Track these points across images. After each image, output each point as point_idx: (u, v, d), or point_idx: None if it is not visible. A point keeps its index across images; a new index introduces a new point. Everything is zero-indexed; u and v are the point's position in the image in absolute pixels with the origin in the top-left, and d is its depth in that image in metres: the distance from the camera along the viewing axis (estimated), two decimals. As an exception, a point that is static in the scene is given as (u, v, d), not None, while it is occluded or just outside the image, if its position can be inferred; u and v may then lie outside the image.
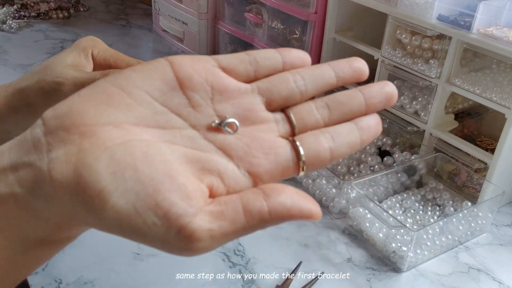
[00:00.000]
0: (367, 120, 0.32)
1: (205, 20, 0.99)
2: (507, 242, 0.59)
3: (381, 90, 0.33)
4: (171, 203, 0.25)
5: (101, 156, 0.26)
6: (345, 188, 0.60)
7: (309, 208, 0.27)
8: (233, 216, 0.26)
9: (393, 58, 0.69)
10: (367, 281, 0.52)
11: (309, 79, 0.33)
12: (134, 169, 0.26)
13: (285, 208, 0.26)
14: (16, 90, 0.51)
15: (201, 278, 0.50)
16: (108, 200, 0.25)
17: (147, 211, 0.25)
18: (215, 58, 0.32)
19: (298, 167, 0.30)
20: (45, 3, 1.20)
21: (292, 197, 0.27)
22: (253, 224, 0.26)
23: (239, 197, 0.27)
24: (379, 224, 0.56)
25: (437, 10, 0.62)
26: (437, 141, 0.66)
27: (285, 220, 0.26)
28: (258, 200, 0.26)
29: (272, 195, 0.27)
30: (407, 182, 0.66)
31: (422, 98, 0.68)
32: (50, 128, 0.26)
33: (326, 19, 0.76)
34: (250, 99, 0.32)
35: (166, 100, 0.29)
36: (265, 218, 0.26)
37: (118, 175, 0.25)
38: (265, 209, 0.26)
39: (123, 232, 0.26)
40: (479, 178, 0.62)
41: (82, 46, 0.51)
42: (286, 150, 0.30)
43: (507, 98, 0.57)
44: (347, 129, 0.31)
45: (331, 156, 0.30)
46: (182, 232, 0.25)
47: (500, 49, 0.55)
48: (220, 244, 0.26)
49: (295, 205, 0.26)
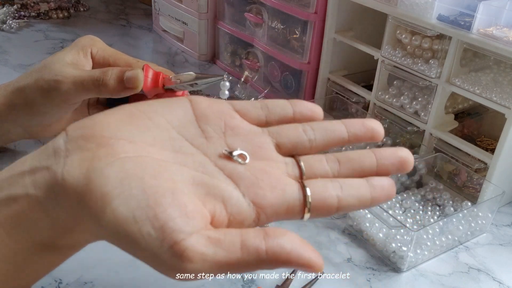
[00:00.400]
0: (379, 179, 0.31)
1: (205, 20, 0.99)
2: (507, 242, 0.59)
3: (394, 153, 0.32)
4: (169, 217, 0.25)
5: (112, 164, 0.27)
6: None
7: (308, 256, 0.26)
8: (229, 247, 0.26)
9: (393, 58, 0.69)
10: (367, 281, 0.52)
11: (319, 130, 0.34)
12: (141, 180, 0.26)
13: (283, 251, 0.26)
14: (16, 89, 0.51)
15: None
16: (109, 203, 0.25)
17: (144, 220, 0.25)
18: (230, 102, 0.35)
19: (303, 210, 0.29)
20: (45, 3, 1.20)
21: (293, 242, 0.26)
22: (248, 260, 0.26)
23: (239, 231, 0.27)
24: (379, 224, 0.56)
25: (437, 10, 0.62)
26: (437, 141, 0.66)
27: (282, 264, 0.26)
28: (258, 237, 0.26)
29: (273, 236, 0.26)
30: (407, 182, 0.66)
31: (422, 98, 0.68)
32: (71, 137, 0.28)
33: (326, 19, 0.76)
34: (261, 138, 0.33)
35: (182, 129, 0.31)
36: (261, 257, 0.26)
37: (124, 182, 0.26)
38: (262, 248, 0.26)
39: (119, 239, 0.26)
40: (479, 178, 0.62)
41: (81, 44, 0.51)
42: (294, 188, 0.30)
43: (507, 98, 0.57)
44: (357, 182, 0.31)
45: (338, 204, 0.30)
46: (175, 247, 0.25)
47: (500, 49, 0.55)
48: (211, 273, 0.26)
49: (295, 251, 0.26)
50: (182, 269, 0.25)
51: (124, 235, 0.25)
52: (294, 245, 0.26)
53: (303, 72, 0.82)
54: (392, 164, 0.32)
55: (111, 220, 0.26)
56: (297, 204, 0.30)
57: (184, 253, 0.25)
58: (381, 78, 0.72)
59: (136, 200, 0.26)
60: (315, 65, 0.81)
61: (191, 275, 0.26)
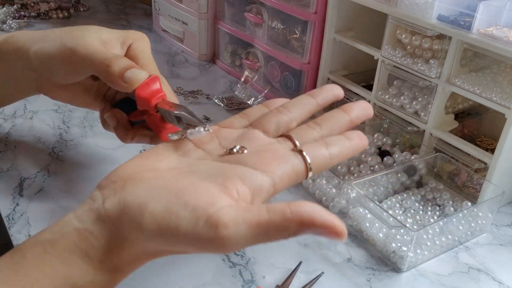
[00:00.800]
0: (352, 132, 0.39)
1: (205, 20, 0.99)
2: (507, 242, 0.59)
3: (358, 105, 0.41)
4: (197, 199, 0.30)
5: (139, 185, 0.33)
6: (345, 188, 0.60)
7: (331, 218, 0.29)
8: (257, 211, 0.29)
9: (393, 58, 0.69)
10: (367, 281, 0.52)
11: (292, 107, 0.41)
12: (164, 186, 0.32)
13: (306, 212, 0.29)
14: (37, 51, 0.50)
15: (201, 278, 0.50)
16: (146, 209, 0.30)
17: (177, 208, 0.30)
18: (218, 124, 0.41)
19: (306, 170, 0.35)
20: (45, 3, 1.20)
21: (314, 206, 0.29)
22: (276, 220, 0.29)
23: (264, 204, 0.30)
24: (379, 224, 0.56)
25: (437, 10, 0.62)
26: (437, 141, 0.66)
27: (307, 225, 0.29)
28: (282, 204, 0.30)
29: (296, 203, 0.30)
30: (407, 182, 0.66)
31: (422, 98, 0.68)
32: (102, 186, 0.34)
33: (326, 19, 0.76)
34: (249, 133, 0.39)
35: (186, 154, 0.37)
36: (287, 216, 0.29)
37: (152, 192, 0.31)
38: (287, 209, 0.29)
39: (162, 234, 0.30)
40: (479, 178, 0.62)
41: (127, 35, 0.52)
42: (292, 154, 0.36)
43: (507, 98, 0.57)
44: (338, 138, 0.38)
45: (330, 155, 0.36)
46: (209, 220, 0.29)
47: (500, 49, 0.55)
48: (247, 240, 0.29)
49: (317, 212, 0.29)
50: (220, 236, 0.28)
51: (166, 228, 0.30)
52: (315, 208, 0.29)
53: (303, 72, 0.82)
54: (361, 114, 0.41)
55: (150, 221, 0.30)
56: (299, 165, 0.35)
57: (219, 221, 0.29)
58: (381, 78, 0.72)
59: (165, 198, 0.31)
60: (315, 65, 0.81)
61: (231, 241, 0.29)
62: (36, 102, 0.81)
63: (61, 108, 0.80)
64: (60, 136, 0.73)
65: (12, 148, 0.69)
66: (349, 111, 0.41)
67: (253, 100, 0.87)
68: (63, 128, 0.75)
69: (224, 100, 0.86)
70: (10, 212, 0.57)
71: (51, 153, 0.68)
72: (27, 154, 0.68)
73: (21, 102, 0.81)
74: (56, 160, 0.67)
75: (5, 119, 0.76)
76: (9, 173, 0.63)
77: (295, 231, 0.29)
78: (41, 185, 0.62)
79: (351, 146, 0.38)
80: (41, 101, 0.82)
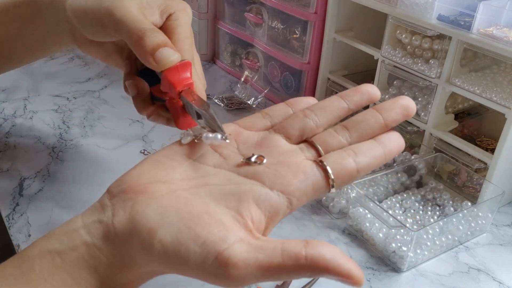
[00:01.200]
0: (386, 135, 0.34)
1: (205, 20, 0.99)
2: (507, 242, 0.59)
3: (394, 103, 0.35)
4: (209, 232, 0.29)
5: (151, 204, 0.31)
6: (345, 188, 0.60)
7: (348, 267, 0.27)
8: (270, 252, 0.28)
9: (393, 58, 0.69)
10: (367, 281, 0.52)
11: (319, 109, 0.37)
12: (177, 209, 0.30)
13: (322, 258, 0.27)
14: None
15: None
16: (156, 235, 0.29)
17: (188, 240, 0.28)
18: (236, 122, 0.38)
19: (328, 184, 0.32)
20: None
21: (332, 252, 0.28)
22: (288, 264, 0.27)
23: (281, 240, 0.29)
24: (379, 224, 0.56)
25: (437, 10, 0.62)
26: (437, 141, 0.66)
27: (321, 271, 0.27)
28: (298, 245, 0.28)
29: (313, 245, 0.28)
30: (407, 182, 0.66)
31: (422, 98, 0.68)
32: (113, 194, 0.32)
33: (326, 19, 0.76)
34: (270, 138, 0.36)
35: (201, 159, 0.35)
36: (301, 262, 0.27)
37: (164, 215, 0.30)
38: (302, 254, 0.27)
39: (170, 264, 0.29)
40: (479, 178, 0.62)
41: (170, 3, 0.47)
42: (313, 168, 0.33)
43: (507, 98, 0.57)
44: (368, 144, 0.34)
45: (357, 167, 0.33)
46: (219, 257, 0.28)
47: (500, 49, 0.55)
48: (256, 280, 0.28)
49: (334, 260, 0.27)
50: (228, 276, 0.27)
51: (174, 259, 0.29)
52: (333, 255, 0.27)
53: (303, 72, 0.82)
54: (396, 113, 0.35)
55: (159, 248, 0.29)
56: (321, 181, 0.32)
57: (228, 260, 0.27)
58: (381, 78, 0.72)
59: (177, 226, 0.29)
60: (315, 65, 0.81)
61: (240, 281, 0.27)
62: (36, 102, 0.82)
63: (61, 108, 0.80)
64: (60, 136, 0.72)
65: (12, 148, 0.69)
66: (384, 112, 0.35)
67: (253, 100, 0.87)
68: (63, 128, 0.75)
69: (224, 100, 0.86)
70: (10, 212, 0.57)
71: (51, 153, 0.68)
72: (27, 154, 0.68)
73: (21, 102, 0.81)
74: (56, 160, 0.67)
75: (5, 119, 0.76)
76: (9, 173, 0.63)
77: (307, 276, 0.28)
78: (41, 185, 0.62)
79: (383, 154, 0.33)
80: (41, 101, 0.82)
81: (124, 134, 0.74)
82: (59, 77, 0.91)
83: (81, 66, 0.97)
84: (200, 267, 0.28)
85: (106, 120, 0.78)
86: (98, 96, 0.85)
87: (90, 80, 0.91)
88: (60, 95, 0.85)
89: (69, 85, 0.88)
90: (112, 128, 0.76)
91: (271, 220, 0.31)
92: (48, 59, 0.98)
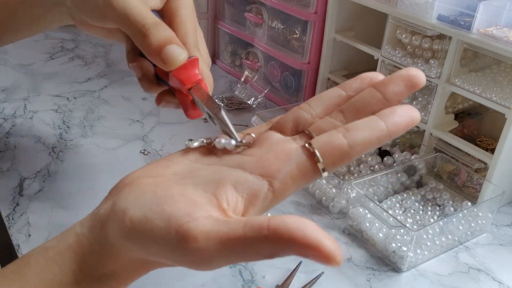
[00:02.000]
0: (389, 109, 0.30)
1: (205, 20, 0.99)
2: (507, 242, 0.59)
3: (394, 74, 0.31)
4: (175, 208, 0.28)
5: (131, 189, 0.31)
6: (345, 188, 0.60)
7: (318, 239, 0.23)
8: (234, 225, 0.27)
9: (393, 58, 0.69)
10: (367, 281, 0.52)
11: (314, 100, 0.35)
12: (153, 192, 0.30)
13: (286, 227, 0.24)
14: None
15: (201, 278, 0.50)
16: (127, 214, 0.29)
17: (154, 215, 0.28)
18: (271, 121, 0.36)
19: (317, 167, 0.30)
20: (45, 3, 1.20)
21: (300, 221, 0.24)
22: (250, 236, 0.25)
23: (248, 217, 0.28)
24: (379, 224, 0.56)
25: (437, 10, 0.62)
26: (437, 141, 0.66)
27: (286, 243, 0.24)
28: (264, 218, 0.26)
29: (279, 217, 0.26)
30: (407, 182, 0.66)
31: (422, 98, 0.68)
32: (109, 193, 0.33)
33: (326, 19, 0.76)
34: (265, 134, 0.35)
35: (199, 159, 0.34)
36: (263, 232, 0.25)
37: (140, 198, 0.30)
38: (264, 224, 0.25)
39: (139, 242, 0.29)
40: (479, 178, 0.62)
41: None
42: (298, 150, 0.30)
43: (507, 98, 0.57)
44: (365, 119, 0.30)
45: (348, 142, 0.29)
46: (179, 230, 0.27)
47: (500, 49, 0.55)
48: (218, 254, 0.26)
49: (299, 229, 0.24)
50: (189, 249, 0.26)
51: (141, 235, 0.28)
52: (300, 225, 0.24)
53: (303, 72, 0.82)
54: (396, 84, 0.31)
55: (129, 226, 0.29)
56: (306, 161, 0.30)
57: (188, 234, 0.26)
58: (381, 78, 0.72)
59: (147, 205, 0.29)
60: (315, 65, 0.81)
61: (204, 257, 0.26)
62: (36, 102, 0.82)
63: (61, 108, 0.80)
64: (60, 136, 0.72)
65: (12, 148, 0.69)
66: (382, 86, 0.31)
67: (253, 100, 0.87)
68: (63, 128, 0.75)
69: (224, 100, 0.86)
70: (10, 212, 0.57)
71: (51, 153, 0.68)
72: (27, 154, 0.68)
73: (21, 102, 0.81)
74: (56, 160, 0.67)
75: (5, 119, 0.76)
76: (9, 173, 0.63)
77: (273, 251, 0.25)
78: (41, 185, 0.62)
79: (385, 129, 0.29)
80: (41, 101, 0.82)
81: (124, 134, 0.74)
82: (59, 77, 0.91)
83: (81, 66, 0.97)
84: (163, 242, 0.27)
85: (106, 120, 0.78)
86: (98, 96, 0.85)
87: (90, 80, 0.91)
88: (60, 95, 0.85)
89: (69, 85, 0.88)
90: (112, 128, 0.76)
91: (250, 203, 0.29)
92: (48, 59, 0.98)
